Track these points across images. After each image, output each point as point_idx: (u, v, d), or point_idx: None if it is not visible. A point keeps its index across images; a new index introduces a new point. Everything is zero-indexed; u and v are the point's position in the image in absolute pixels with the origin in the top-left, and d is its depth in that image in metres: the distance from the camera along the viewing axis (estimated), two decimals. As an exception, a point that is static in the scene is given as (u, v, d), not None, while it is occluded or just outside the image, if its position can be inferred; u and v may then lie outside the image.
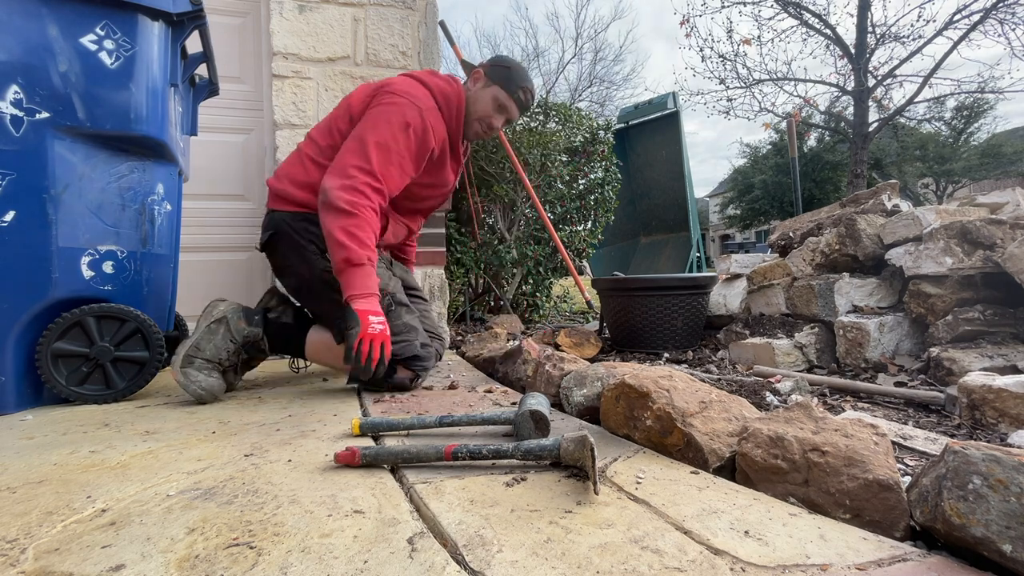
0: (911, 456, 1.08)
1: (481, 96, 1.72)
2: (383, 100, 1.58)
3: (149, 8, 1.49)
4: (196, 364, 1.52)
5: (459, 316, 3.49)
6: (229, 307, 1.62)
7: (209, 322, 1.58)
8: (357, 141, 1.52)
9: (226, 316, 1.59)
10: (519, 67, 1.75)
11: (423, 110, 1.58)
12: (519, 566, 0.64)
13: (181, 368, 1.49)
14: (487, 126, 1.75)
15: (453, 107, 1.70)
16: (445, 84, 1.70)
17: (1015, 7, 7.83)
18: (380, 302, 1.48)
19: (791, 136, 4.14)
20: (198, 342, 1.54)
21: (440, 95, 1.67)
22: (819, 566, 0.64)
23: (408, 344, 1.58)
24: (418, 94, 1.60)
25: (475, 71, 1.75)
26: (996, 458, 0.66)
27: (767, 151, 26.02)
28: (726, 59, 10.05)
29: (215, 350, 1.55)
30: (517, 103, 1.74)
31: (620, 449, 1.06)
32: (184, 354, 1.51)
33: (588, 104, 18.19)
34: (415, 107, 1.56)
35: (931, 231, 1.78)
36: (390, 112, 1.54)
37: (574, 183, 3.79)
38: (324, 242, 1.51)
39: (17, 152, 1.37)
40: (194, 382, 1.49)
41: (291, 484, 0.89)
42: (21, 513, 0.80)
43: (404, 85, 1.61)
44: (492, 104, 1.72)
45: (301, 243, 1.59)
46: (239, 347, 1.60)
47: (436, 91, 1.67)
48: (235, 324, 1.59)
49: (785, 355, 1.90)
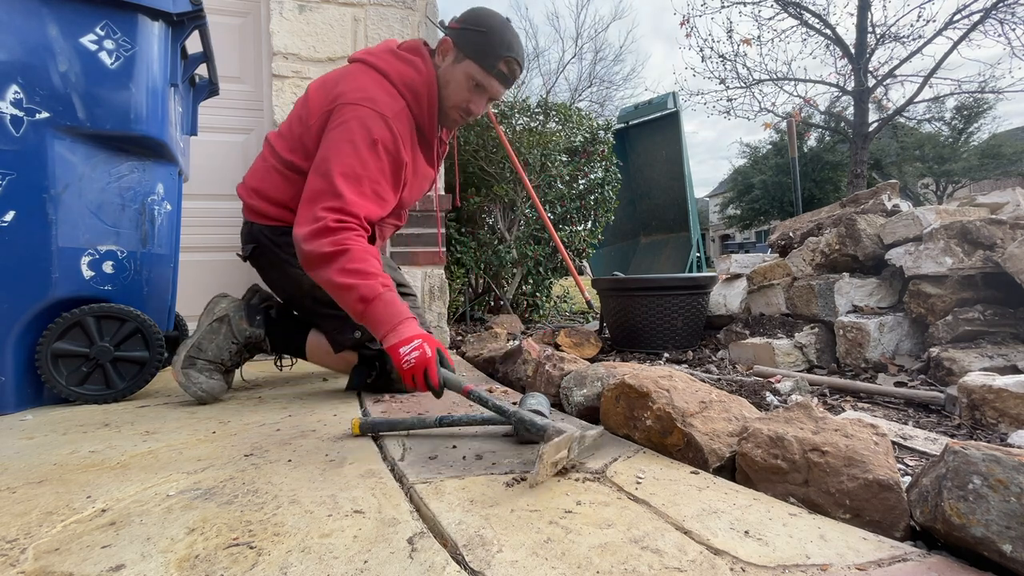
0: (911, 456, 1.08)
1: (453, 76, 1.42)
2: (342, 116, 1.35)
3: (149, 8, 1.49)
4: (198, 365, 1.50)
5: (459, 316, 3.49)
6: (231, 305, 1.58)
7: (211, 320, 1.55)
8: (321, 175, 1.31)
9: (228, 315, 1.56)
10: (498, 28, 1.39)
11: (388, 118, 1.34)
12: (519, 566, 0.64)
13: (182, 369, 1.48)
14: (465, 112, 1.47)
15: (424, 101, 1.43)
16: (410, 70, 1.42)
17: (1015, 7, 7.83)
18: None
19: (791, 136, 4.14)
20: (199, 342, 1.52)
21: (406, 88, 1.41)
22: (819, 566, 0.64)
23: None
24: (379, 97, 1.36)
25: (442, 40, 1.43)
26: (996, 458, 0.66)
27: (767, 151, 26.02)
28: (726, 59, 10.05)
29: (217, 351, 1.53)
30: (499, 78, 1.41)
31: (620, 449, 1.06)
32: (185, 354, 1.49)
33: (588, 104, 18.19)
34: (378, 116, 1.34)
35: (931, 231, 1.78)
36: (351, 130, 1.32)
37: (574, 183, 3.79)
38: None
39: (17, 152, 1.37)
40: (195, 383, 1.48)
41: (291, 484, 0.89)
42: (21, 513, 0.80)
43: (362, 89, 1.38)
44: (467, 85, 1.42)
45: (283, 258, 1.48)
46: (241, 347, 1.58)
47: (400, 84, 1.41)
48: (237, 324, 1.56)
49: (785, 355, 1.90)
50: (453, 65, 1.42)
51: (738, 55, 9.98)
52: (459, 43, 1.40)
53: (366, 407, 1.44)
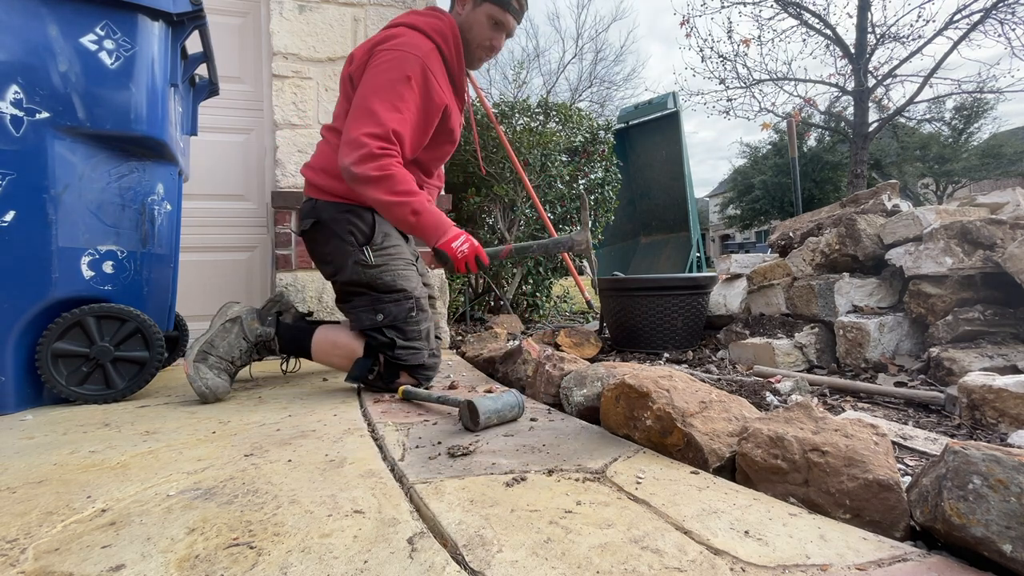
0: (911, 456, 1.08)
1: (475, 19, 1.62)
2: (379, 59, 1.52)
3: (149, 8, 1.49)
4: (209, 361, 1.54)
5: (459, 316, 3.49)
6: (243, 308, 1.66)
7: (224, 320, 1.61)
8: (362, 108, 1.48)
9: (240, 316, 1.63)
10: None
11: (421, 56, 1.51)
12: (519, 566, 0.64)
13: (194, 362, 1.52)
14: (489, 49, 1.67)
15: (451, 41, 1.61)
16: (435, 20, 1.62)
17: (1015, 7, 7.82)
18: (404, 302, 1.60)
19: (791, 136, 4.14)
20: (212, 339, 1.57)
21: (435, 32, 1.59)
22: (819, 566, 0.64)
23: (417, 353, 1.60)
24: (412, 41, 1.53)
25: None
26: (996, 458, 0.66)
27: (767, 151, 26.01)
28: (726, 59, 10.04)
29: (228, 348, 1.58)
30: (513, 13, 1.63)
31: (620, 449, 1.06)
32: (199, 349, 1.54)
33: (588, 104, 18.17)
34: (412, 56, 1.50)
35: (931, 231, 1.78)
36: (388, 69, 1.49)
37: (574, 183, 3.79)
38: (364, 235, 1.58)
39: (17, 152, 1.37)
40: (202, 378, 1.51)
41: (291, 484, 0.89)
42: (21, 513, 0.80)
43: (395, 36, 1.55)
44: (488, 24, 1.62)
45: (341, 235, 1.59)
46: (251, 347, 1.63)
47: (429, 30, 1.58)
48: (248, 324, 1.62)
49: (785, 355, 1.90)
50: (473, 10, 1.62)
51: (738, 55, 9.98)
52: None
53: (366, 407, 1.44)
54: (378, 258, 1.59)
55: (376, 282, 1.58)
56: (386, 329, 1.58)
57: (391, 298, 1.59)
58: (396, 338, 1.57)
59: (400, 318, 1.58)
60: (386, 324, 1.58)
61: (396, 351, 1.57)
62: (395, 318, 1.58)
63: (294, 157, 2.49)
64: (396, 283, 1.59)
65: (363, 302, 1.60)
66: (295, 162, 2.49)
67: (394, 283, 1.59)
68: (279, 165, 2.47)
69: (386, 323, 1.58)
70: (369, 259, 1.57)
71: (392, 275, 1.59)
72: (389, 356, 1.59)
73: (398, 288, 1.59)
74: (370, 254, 1.58)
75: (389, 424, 1.26)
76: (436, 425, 1.25)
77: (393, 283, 1.59)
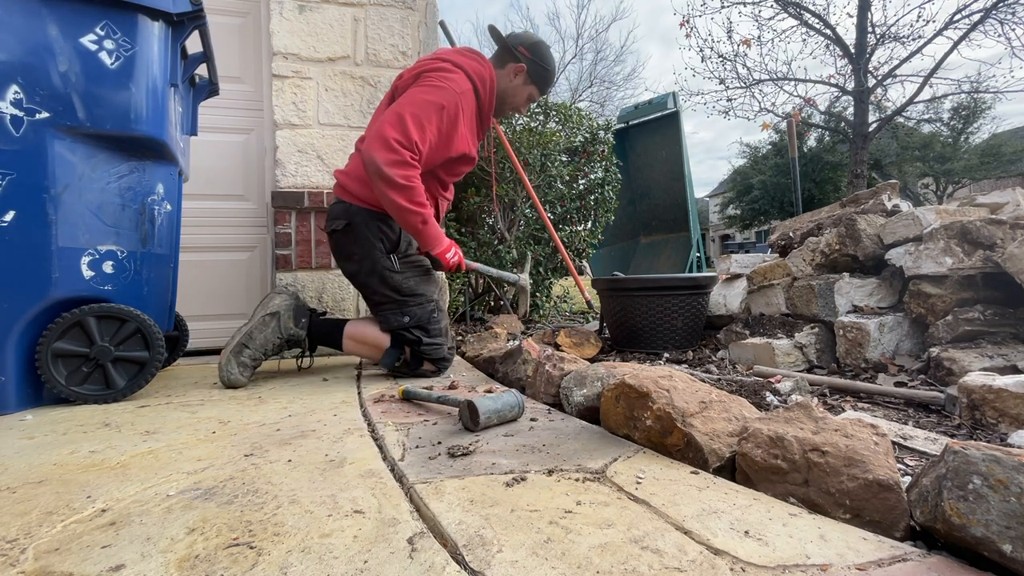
0: (911, 456, 1.08)
1: (519, 91, 1.90)
2: (427, 80, 1.73)
3: (149, 8, 1.49)
4: (242, 359, 1.73)
5: (459, 316, 3.49)
6: (284, 302, 1.84)
7: (264, 313, 1.80)
8: (397, 116, 1.65)
9: (279, 312, 1.81)
10: (554, 65, 1.91)
11: (459, 94, 1.72)
12: (519, 566, 0.64)
13: (231, 352, 1.72)
14: (516, 111, 1.97)
15: (488, 88, 1.84)
16: (478, 65, 1.83)
17: (1015, 7, 7.82)
18: (427, 304, 1.82)
19: (791, 136, 4.14)
20: (251, 331, 1.76)
21: (476, 76, 1.80)
22: (819, 566, 0.64)
23: (439, 347, 1.83)
24: (457, 78, 1.74)
25: (517, 65, 1.86)
26: (996, 458, 0.66)
27: (767, 151, 26.01)
28: (726, 59, 10.05)
29: (264, 342, 1.77)
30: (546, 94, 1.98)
31: (620, 449, 1.06)
32: (238, 341, 1.74)
33: (588, 104, 18.16)
34: (451, 92, 1.71)
35: (931, 231, 1.78)
36: (429, 92, 1.69)
37: (574, 183, 3.79)
38: (392, 243, 1.79)
39: (17, 152, 1.37)
40: (230, 371, 1.70)
41: (291, 484, 0.89)
42: (21, 513, 0.80)
43: (444, 70, 1.75)
44: (526, 98, 1.92)
45: (371, 240, 1.77)
46: (283, 343, 1.82)
47: (472, 72, 1.79)
48: (285, 322, 1.81)
49: (785, 355, 1.90)
50: (522, 85, 1.89)
51: (738, 55, 9.98)
52: (531, 72, 1.87)
53: (366, 407, 1.44)
54: (403, 265, 1.80)
55: (402, 287, 1.79)
56: (412, 329, 1.80)
57: (415, 301, 1.80)
58: (422, 336, 1.80)
59: (424, 319, 1.80)
60: (412, 325, 1.80)
61: (422, 347, 1.80)
62: (419, 319, 1.80)
63: (294, 157, 2.49)
64: (418, 288, 1.81)
65: (390, 306, 1.80)
66: (295, 162, 2.49)
67: (416, 288, 1.81)
68: (279, 165, 2.47)
69: (412, 324, 1.80)
70: (395, 266, 1.79)
71: (415, 281, 1.82)
72: (417, 350, 1.81)
73: (419, 292, 1.81)
74: (396, 261, 1.79)
75: (389, 424, 1.26)
76: (436, 425, 1.25)
77: (416, 288, 1.81)
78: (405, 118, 1.64)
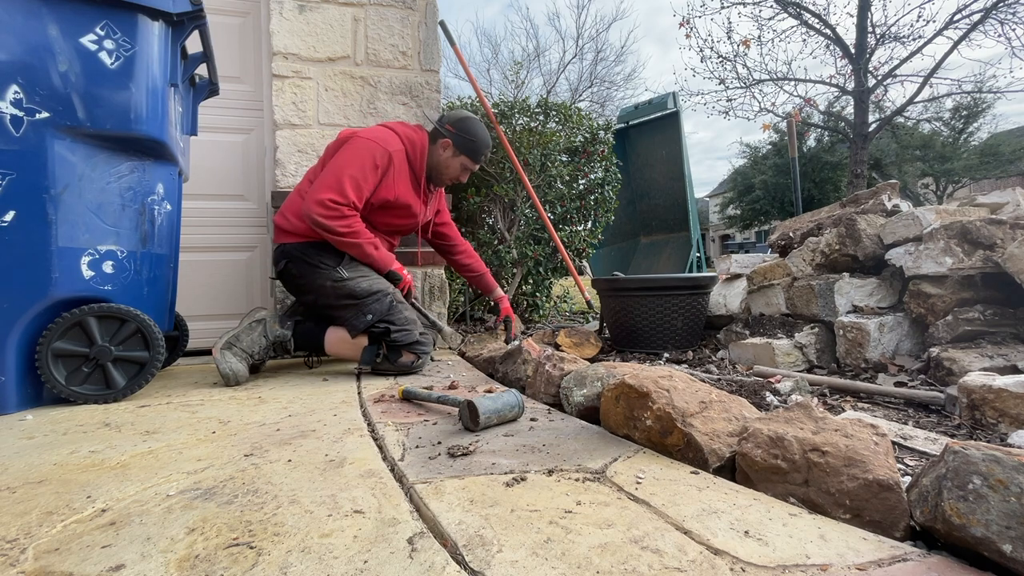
0: (911, 456, 1.08)
1: (451, 163, 2.07)
2: (356, 142, 1.90)
3: (149, 8, 1.49)
4: (233, 350, 1.82)
5: (459, 316, 3.49)
6: (268, 313, 1.98)
7: (250, 321, 1.91)
8: (335, 175, 1.85)
9: (264, 319, 1.94)
10: (483, 136, 2.06)
11: (391, 152, 1.92)
12: (519, 566, 0.64)
13: (221, 349, 1.79)
14: (455, 180, 2.15)
15: (418, 150, 2.03)
16: (412, 132, 2.05)
17: (1015, 7, 7.82)
18: (384, 299, 1.92)
19: (791, 136, 4.14)
20: (238, 334, 1.86)
21: (406, 139, 2.00)
22: (819, 566, 0.64)
23: (408, 332, 1.91)
24: (387, 138, 1.94)
25: (443, 140, 2.04)
26: (996, 458, 0.66)
27: (767, 151, 25.98)
28: (726, 59, 10.05)
29: (251, 343, 1.87)
30: (479, 162, 2.12)
31: (620, 449, 1.06)
32: (226, 340, 1.82)
33: (588, 104, 18.13)
34: (382, 148, 1.91)
35: (931, 231, 1.78)
36: (362, 152, 1.89)
37: (574, 183, 3.79)
38: (332, 259, 1.90)
39: (17, 152, 1.37)
40: (228, 362, 1.76)
41: (291, 484, 0.89)
42: (21, 513, 0.80)
43: (375, 131, 1.96)
44: (460, 168, 2.10)
45: (312, 264, 1.90)
46: (270, 344, 1.93)
47: (403, 135, 2.00)
48: (270, 326, 1.93)
49: (785, 355, 1.90)
50: (452, 157, 2.07)
51: (738, 55, 9.98)
52: (457, 145, 2.04)
53: (366, 407, 1.44)
54: (350, 271, 1.90)
55: (356, 290, 1.88)
56: (378, 323, 1.89)
57: (372, 299, 1.90)
58: (389, 327, 1.89)
59: (384, 311, 1.90)
60: (376, 320, 1.89)
61: (393, 336, 1.88)
62: (380, 313, 1.89)
63: (294, 157, 2.49)
64: (373, 287, 1.90)
65: (351, 312, 1.90)
66: (295, 162, 2.49)
67: (371, 287, 1.90)
68: (279, 165, 2.47)
69: (376, 319, 1.89)
70: (343, 274, 1.89)
71: (368, 281, 1.91)
72: (388, 341, 1.90)
73: (375, 290, 1.90)
74: (343, 271, 1.90)
75: (389, 424, 1.26)
76: (436, 425, 1.25)
77: (370, 287, 1.90)
78: (342, 180, 1.83)
